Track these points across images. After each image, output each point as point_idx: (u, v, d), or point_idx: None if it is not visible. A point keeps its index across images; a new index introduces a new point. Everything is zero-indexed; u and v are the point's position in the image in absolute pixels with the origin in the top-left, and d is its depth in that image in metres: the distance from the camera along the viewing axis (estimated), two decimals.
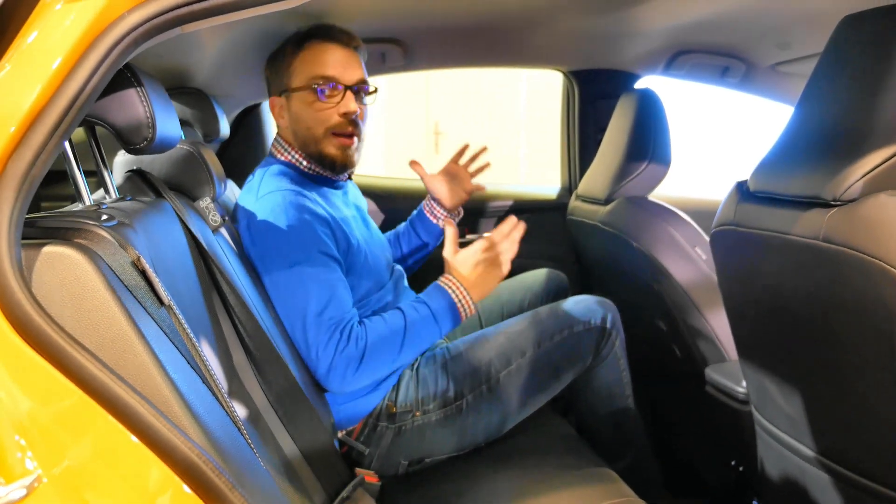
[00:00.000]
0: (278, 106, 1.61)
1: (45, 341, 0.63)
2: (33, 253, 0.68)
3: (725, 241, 1.31)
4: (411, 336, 1.43)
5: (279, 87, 1.61)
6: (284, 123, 1.61)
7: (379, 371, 1.43)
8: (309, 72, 1.56)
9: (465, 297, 1.48)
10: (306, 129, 1.57)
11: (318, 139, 1.57)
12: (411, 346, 1.44)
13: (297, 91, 1.57)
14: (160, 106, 0.95)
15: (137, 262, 0.77)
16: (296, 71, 1.57)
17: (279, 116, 1.62)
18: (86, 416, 0.62)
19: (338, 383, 1.39)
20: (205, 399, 0.75)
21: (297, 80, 1.57)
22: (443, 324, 1.46)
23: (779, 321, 1.25)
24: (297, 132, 1.59)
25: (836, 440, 1.22)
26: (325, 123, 1.56)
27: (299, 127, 1.58)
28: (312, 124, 1.56)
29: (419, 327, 1.44)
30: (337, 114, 1.56)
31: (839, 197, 1.02)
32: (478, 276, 1.50)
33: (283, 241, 1.42)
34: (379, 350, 1.40)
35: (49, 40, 0.65)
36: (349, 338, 1.38)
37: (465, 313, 1.49)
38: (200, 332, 1.00)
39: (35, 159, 0.64)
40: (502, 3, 1.76)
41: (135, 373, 0.67)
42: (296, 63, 1.57)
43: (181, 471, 0.63)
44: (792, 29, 1.94)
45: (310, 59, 1.57)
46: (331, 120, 1.56)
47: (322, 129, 1.56)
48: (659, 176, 1.95)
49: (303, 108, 1.57)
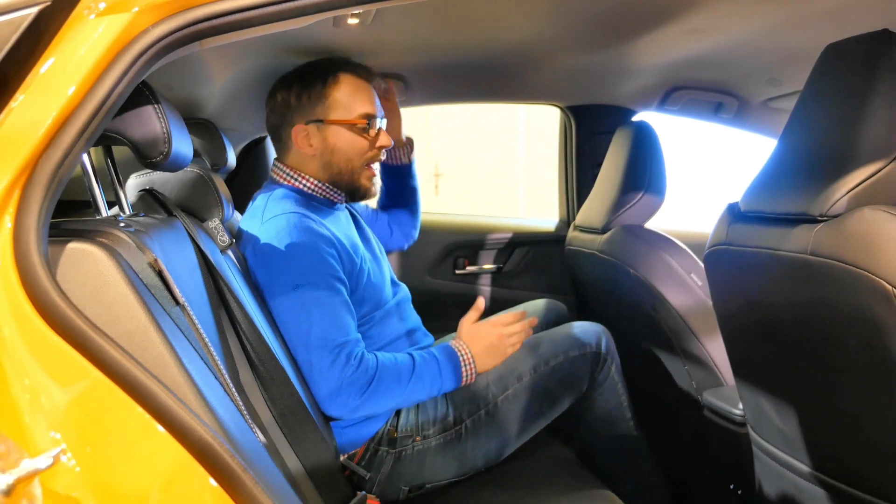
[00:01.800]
0: (304, 133, 1.63)
1: (69, 327, 0.66)
2: (59, 249, 0.72)
3: (719, 260, 1.34)
4: (417, 379, 1.45)
5: (309, 115, 1.62)
6: (311, 152, 1.63)
7: (381, 403, 1.43)
8: (355, 108, 1.62)
9: (470, 363, 1.51)
10: (345, 161, 1.63)
11: (354, 170, 1.64)
12: (414, 390, 1.45)
13: (338, 124, 1.61)
14: (175, 124, 1.00)
15: (154, 263, 0.80)
16: (336, 104, 1.61)
17: (304, 144, 1.63)
18: (107, 398, 0.65)
19: (338, 408, 1.40)
20: (217, 392, 0.78)
21: (339, 113, 1.61)
22: (445, 379, 1.48)
23: (771, 338, 1.28)
24: (332, 162, 1.63)
25: (830, 455, 1.24)
26: (364, 156, 1.64)
27: (336, 157, 1.63)
28: (353, 156, 1.63)
29: (425, 374, 1.46)
30: (374, 147, 1.65)
31: (825, 212, 1.07)
32: (485, 349, 1.52)
33: (288, 264, 1.45)
34: (387, 382, 1.42)
35: (80, 49, 0.70)
36: (358, 364, 1.40)
37: (467, 379, 1.51)
38: (210, 345, 1.03)
39: (63, 160, 0.69)
40: (502, 40, 1.82)
41: (152, 362, 0.70)
42: (335, 95, 1.61)
43: (196, 451, 0.66)
44: (781, 66, 2.00)
45: (351, 95, 1.62)
46: (369, 153, 1.65)
47: (360, 162, 1.64)
48: (655, 205, 1.99)
49: (344, 140, 1.62)
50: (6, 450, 0.56)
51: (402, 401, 1.47)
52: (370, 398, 1.41)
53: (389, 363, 1.45)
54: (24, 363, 0.64)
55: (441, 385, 1.48)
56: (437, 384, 1.47)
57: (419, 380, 1.46)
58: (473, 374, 1.52)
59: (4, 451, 0.55)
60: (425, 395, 1.48)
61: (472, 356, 1.51)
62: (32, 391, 0.62)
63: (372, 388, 1.40)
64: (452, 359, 1.50)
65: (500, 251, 2.54)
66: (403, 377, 1.44)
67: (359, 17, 1.45)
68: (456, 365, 1.50)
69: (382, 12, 1.45)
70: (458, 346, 1.53)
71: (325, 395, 1.39)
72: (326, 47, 1.68)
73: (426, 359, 1.49)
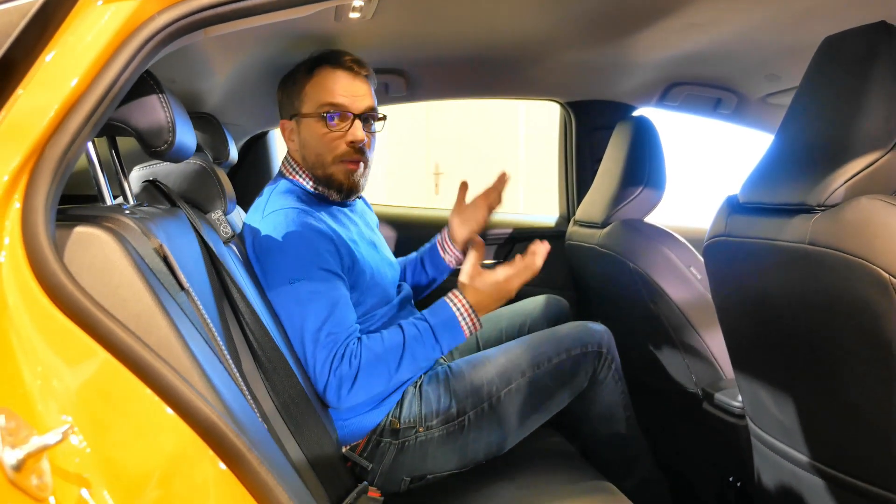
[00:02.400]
0: (288, 129, 1.66)
1: (76, 308, 0.67)
2: (66, 232, 0.73)
3: (718, 251, 1.35)
4: (410, 353, 1.45)
5: (290, 110, 1.65)
6: (294, 147, 1.66)
7: (375, 388, 1.44)
8: (319, 99, 1.60)
9: (471, 318, 1.50)
10: (315, 155, 1.61)
11: (325, 165, 1.61)
12: (410, 363, 1.45)
13: (307, 117, 1.61)
14: (179, 114, 1.01)
15: (160, 248, 0.81)
16: (307, 96, 1.61)
17: (289, 139, 1.66)
18: (114, 378, 0.66)
19: (334, 400, 1.41)
20: (222, 376, 0.79)
21: (308, 105, 1.61)
22: (443, 339, 1.48)
23: (770, 327, 1.29)
24: (306, 156, 1.63)
25: (828, 444, 1.25)
26: (334, 151, 1.60)
27: (308, 152, 1.62)
28: (321, 150, 1.60)
29: (418, 344, 1.46)
30: (345, 142, 1.60)
31: (823, 202, 1.08)
32: (488, 298, 1.52)
33: (286, 257, 1.46)
34: (373, 368, 1.42)
35: (87, 35, 0.71)
36: (343, 356, 1.40)
37: (469, 329, 1.50)
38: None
39: (71, 144, 0.70)
40: (502, 35, 1.83)
41: (158, 345, 0.71)
42: (307, 88, 1.61)
43: (202, 430, 0.67)
44: (780, 61, 2.01)
45: (320, 86, 1.60)
46: (339, 148, 1.60)
47: (330, 157, 1.60)
48: (654, 200, 2.00)
49: (312, 134, 1.61)
50: (16, 426, 0.57)
51: (403, 374, 1.46)
52: (361, 385, 1.41)
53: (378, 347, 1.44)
54: (32, 343, 0.65)
55: (440, 346, 1.48)
56: (435, 347, 1.48)
57: (414, 351, 1.45)
58: (475, 323, 1.51)
59: (14, 427, 0.56)
60: (427, 361, 1.49)
61: (471, 306, 1.50)
62: (40, 370, 0.63)
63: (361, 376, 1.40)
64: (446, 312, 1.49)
65: (501, 246, 2.55)
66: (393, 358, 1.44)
67: (360, 11, 1.46)
68: (451, 317, 1.49)
69: (383, 6, 1.46)
70: (451, 300, 1.51)
71: (320, 387, 1.41)
72: (328, 42, 1.69)
73: (419, 330, 1.47)
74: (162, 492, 0.67)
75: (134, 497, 0.64)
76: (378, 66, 1.98)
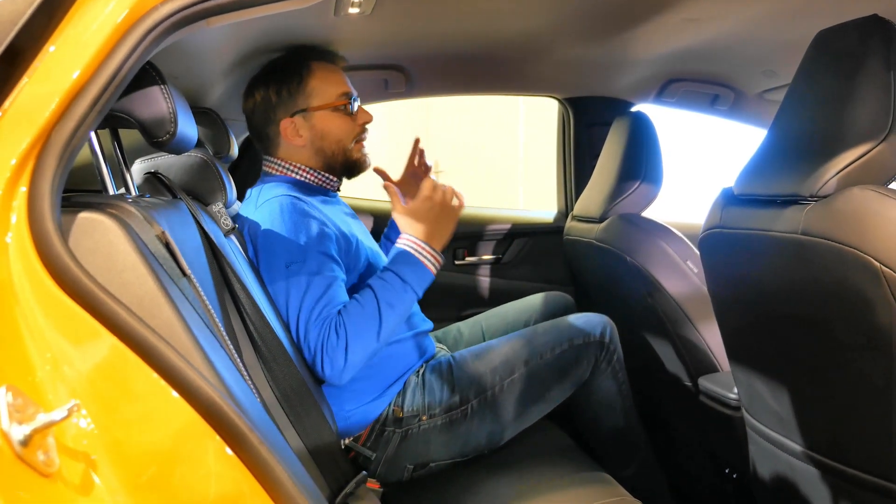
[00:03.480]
0: (292, 126, 1.67)
1: (81, 291, 0.69)
2: (70, 218, 0.75)
3: (713, 243, 1.37)
4: (385, 303, 1.43)
5: (293, 108, 1.66)
6: (301, 142, 1.67)
7: (368, 348, 1.41)
8: (333, 91, 1.68)
9: (426, 250, 1.50)
10: (336, 142, 1.69)
11: (347, 150, 1.70)
12: (389, 313, 1.43)
13: (320, 109, 1.67)
14: (181, 106, 1.02)
15: (162, 235, 0.83)
16: (316, 91, 1.66)
17: (294, 136, 1.67)
18: (118, 358, 0.68)
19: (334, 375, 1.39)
20: (223, 359, 0.81)
21: (318, 99, 1.67)
22: (413, 283, 1.47)
23: (764, 318, 1.30)
24: (324, 147, 1.68)
25: (823, 433, 1.26)
26: (353, 133, 1.71)
27: (327, 142, 1.68)
28: (343, 136, 1.69)
29: (391, 294, 1.44)
30: (358, 124, 1.71)
31: (816, 193, 1.09)
32: (433, 223, 1.52)
33: (282, 242, 1.47)
34: (359, 330, 1.40)
35: (92, 24, 0.73)
36: (330, 329, 1.39)
37: (433, 266, 1.50)
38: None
39: (76, 130, 0.71)
40: (501, 31, 1.84)
41: (162, 327, 0.72)
42: (312, 83, 1.66)
43: (204, 410, 0.69)
44: (777, 57, 2.02)
45: (327, 79, 1.68)
46: (355, 131, 1.71)
47: (350, 139, 1.70)
48: (651, 194, 2.02)
49: (331, 124, 1.68)
50: (23, 403, 0.58)
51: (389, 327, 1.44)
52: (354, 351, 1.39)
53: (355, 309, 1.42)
54: (38, 324, 0.66)
55: (413, 290, 1.47)
56: (408, 292, 1.46)
57: (390, 303, 1.43)
58: (436, 257, 1.51)
59: (21, 404, 0.58)
60: (406, 308, 1.47)
61: (424, 241, 1.50)
62: (46, 352, 0.65)
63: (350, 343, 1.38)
64: (408, 260, 1.49)
65: (500, 242, 2.57)
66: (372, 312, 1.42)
67: (359, 6, 1.47)
68: (413, 260, 1.48)
69: (383, 1, 1.47)
70: (404, 243, 1.51)
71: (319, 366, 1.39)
72: (328, 39, 1.71)
73: (384, 276, 1.47)
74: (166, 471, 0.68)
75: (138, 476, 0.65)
76: (377, 61, 2.00)
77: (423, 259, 1.50)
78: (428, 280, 1.50)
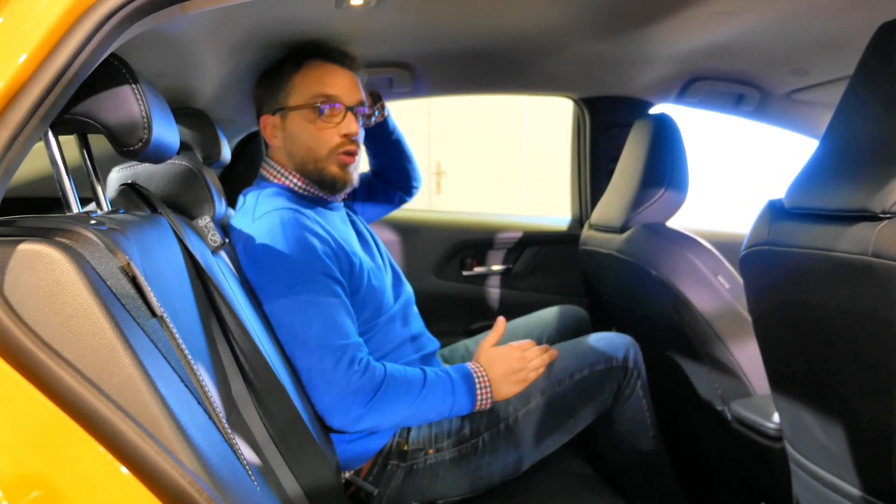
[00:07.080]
0: (271, 125, 1.57)
1: (14, 347, 0.54)
2: (7, 250, 0.60)
3: (758, 262, 1.24)
4: (428, 394, 1.38)
5: (273, 105, 1.56)
6: (278, 143, 1.57)
7: (386, 415, 1.35)
8: (310, 90, 1.52)
9: (486, 387, 1.44)
10: (305, 149, 1.53)
11: (318, 159, 1.53)
12: (423, 405, 1.38)
13: (296, 109, 1.53)
14: (157, 108, 0.88)
15: (127, 267, 0.68)
16: (295, 89, 1.53)
17: (272, 136, 1.57)
18: (61, 436, 0.53)
19: (340, 417, 1.32)
20: (199, 421, 0.66)
21: (296, 98, 1.53)
22: (458, 399, 1.41)
23: (820, 345, 1.17)
24: (294, 152, 1.55)
25: (884, 477, 1.13)
26: (328, 144, 1.52)
27: (296, 147, 1.54)
28: (314, 144, 1.52)
29: (437, 389, 1.39)
30: (338, 134, 1.52)
31: (889, 209, 0.96)
32: (504, 374, 1.45)
33: (283, 262, 1.37)
34: (394, 392, 1.34)
35: (34, 10, 0.58)
36: (364, 370, 1.32)
37: (482, 403, 1.44)
38: (197, 358, 0.92)
39: (12, 141, 0.57)
40: (512, 26, 1.72)
41: (120, 388, 0.58)
42: (295, 80, 1.53)
43: (170, 500, 0.54)
44: (808, 54, 1.90)
45: (311, 78, 1.53)
46: (332, 140, 1.52)
47: (324, 150, 1.53)
48: (676, 202, 1.89)
49: (302, 128, 1.53)
50: None
51: (410, 416, 1.38)
52: (375, 408, 1.32)
53: (398, 373, 1.37)
54: None
55: (453, 404, 1.40)
56: (448, 402, 1.40)
57: (430, 395, 1.38)
58: (489, 400, 1.44)
59: None
60: (435, 415, 1.40)
61: (490, 380, 1.44)
62: None
63: (378, 397, 1.32)
64: (467, 379, 1.43)
65: (510, 251, 2.44)
66: (413, 389, 1.36)
67: None
68: (471, 386, 1.42)
69: None
70: (474, 368, 1.45)
71: (327, 402, 1.31)
72: (329, 35, 1.59)
73: (439, 375, 1.41)
74: None
75: None
76: (382, 58, 1.88)
77: (479, 392, 1.43)
78: (465, 410, 1.43)
